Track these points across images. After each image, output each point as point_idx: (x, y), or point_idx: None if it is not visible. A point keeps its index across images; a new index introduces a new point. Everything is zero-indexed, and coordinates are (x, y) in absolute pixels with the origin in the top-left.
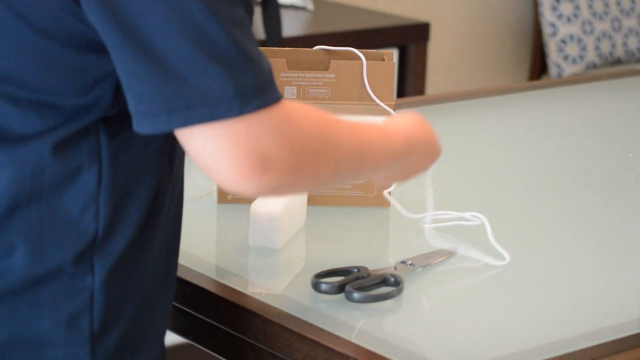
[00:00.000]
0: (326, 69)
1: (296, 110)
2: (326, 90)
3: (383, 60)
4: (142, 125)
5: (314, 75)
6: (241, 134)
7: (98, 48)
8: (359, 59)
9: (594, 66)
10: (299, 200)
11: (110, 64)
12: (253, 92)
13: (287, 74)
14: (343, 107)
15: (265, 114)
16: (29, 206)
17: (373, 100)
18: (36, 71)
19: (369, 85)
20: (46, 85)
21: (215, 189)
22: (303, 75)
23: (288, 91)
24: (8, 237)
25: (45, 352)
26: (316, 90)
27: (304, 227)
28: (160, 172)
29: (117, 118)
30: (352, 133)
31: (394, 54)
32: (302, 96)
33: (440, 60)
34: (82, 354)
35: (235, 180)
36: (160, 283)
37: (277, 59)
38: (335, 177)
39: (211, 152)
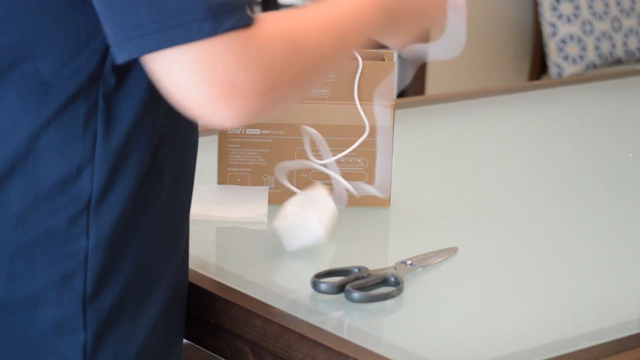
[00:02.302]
0: None
1: (266, 29)
2: (326, 90)
3: (383, 60)
4: (120, 53)
5: None
6: (212, 58)
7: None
8: (361, 59)
9: (594, 66)
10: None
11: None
12: (225, 13)
13: None
14: (343, 107)
15: (236, 38)
16: (26, 168)
17: (373, 101)
18: (37, 39)
19: (369, 86)
20: (43, 51)
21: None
22: None
23: None
24: (4, 198)
25: (38, 312)
26: (316, 90)
27: None
28: (160, 137)
29: (113, 80)
30: (324, 28)
31: (394, 54)
32: None
33: (440, 60)
34: (74, 314)
35: (208, 108)
36: (161, 252)
37: None
38: (313, 80)
39: (183, 78)
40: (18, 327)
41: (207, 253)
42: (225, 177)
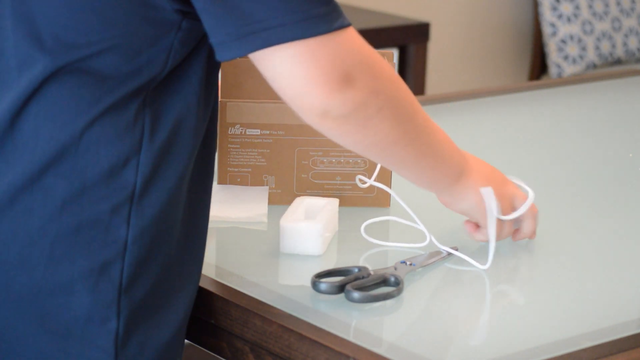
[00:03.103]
0: None
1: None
2: None
3: None
4: (238, 48)
5: None
6: (329, 51)
7: (157, 5)
8: None
9: (594, 66)
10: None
11: (168, 23)
12: (337, 13)
13: None
14: None
15: (346, 35)
16: (76, 156)
17: None
18: (105, 39)
19: None
20: (109, 50)
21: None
22: None
23: None
24: (50, 184)
25: (73, 298)
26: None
27: None
28: (200, 139)
29: (166, 86)
30: (423, 116)
31: (394, 54)
32: None
33: (440, 60)
34: (109, 302)
35: (322, 97)
36: (191, 250)
37: None
38: (405, 133)
39: (299, 71)
40: (51, 312)
41: (207, 253)
42: (225, 177)
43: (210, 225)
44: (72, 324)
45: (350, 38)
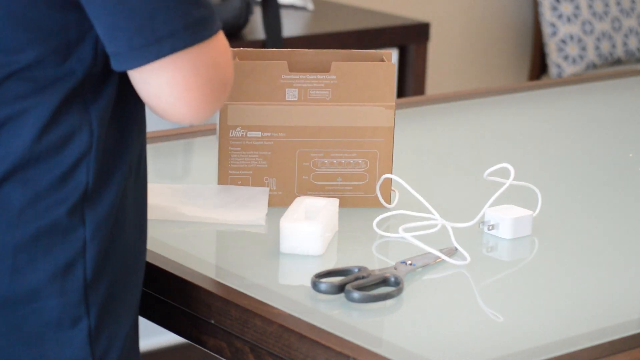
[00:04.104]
0: (327, 70)
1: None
2: (327, 92)
3: (383, 60)
4: (124, 62)
5: (315, 76)
6: (204, 61)
7: (77, 5)
8: (360, 60)
9: (594, 66)
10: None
11: (88, 21)
12: (207, 21)
13: (288, 76)
14: (344, 109)
15: (213, 41)
16: (27, 169)
17: (374, 102)
18: (25, 40)
19: (369, 86)
20: (32, 54)
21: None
22: (304, 77)
23: (289, 93)
24: (4, 197)
25: (42, 303)
26: (317, 91)
27: None
28: (142, 133)
29: (100, 79)
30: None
31: (393, 54)
32: (304, 98)
33: (440, 60)
34: (77, 302)
35: (200, 110)
36: (139, 238)
37: (278, 61)
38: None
39: (179, 84)
40: (22, 321)
41: (207, 253)
42: (226, 179)
43: (210, 225)
44: (45, 328)
45: (219, 43)
